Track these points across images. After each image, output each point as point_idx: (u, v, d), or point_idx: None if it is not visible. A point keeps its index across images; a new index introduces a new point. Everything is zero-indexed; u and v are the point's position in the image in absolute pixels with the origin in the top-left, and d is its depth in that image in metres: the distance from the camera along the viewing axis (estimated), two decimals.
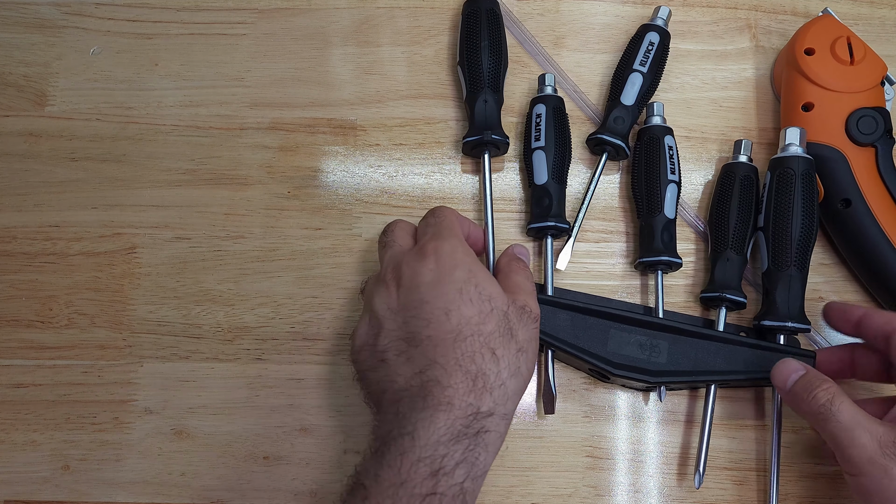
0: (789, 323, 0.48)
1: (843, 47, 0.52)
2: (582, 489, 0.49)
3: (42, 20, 0.58)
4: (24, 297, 0.52)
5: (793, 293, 0.48)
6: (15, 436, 0.50)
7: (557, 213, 0.51)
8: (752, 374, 0.48)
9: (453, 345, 0.39)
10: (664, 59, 0.55)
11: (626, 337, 0.48)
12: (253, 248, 0.53)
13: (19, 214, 0.54)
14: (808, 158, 0.50)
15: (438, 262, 0.42)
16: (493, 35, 0.53)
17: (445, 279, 0.41)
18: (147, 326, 0.52)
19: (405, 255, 0.43)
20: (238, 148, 0.55)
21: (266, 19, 0.58)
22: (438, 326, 0.40)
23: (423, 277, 0.41)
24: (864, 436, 0.39)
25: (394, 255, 0.44)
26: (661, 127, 0.53)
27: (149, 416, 0.50)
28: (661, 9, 0.55)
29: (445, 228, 0.44)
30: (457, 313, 0.40)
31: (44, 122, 0.56)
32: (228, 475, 0.49)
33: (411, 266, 0.42)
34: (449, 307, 0.40)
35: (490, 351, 0.40)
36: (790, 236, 0.48)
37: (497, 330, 0.40)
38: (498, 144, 0.52)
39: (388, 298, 0.42)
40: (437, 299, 0.41)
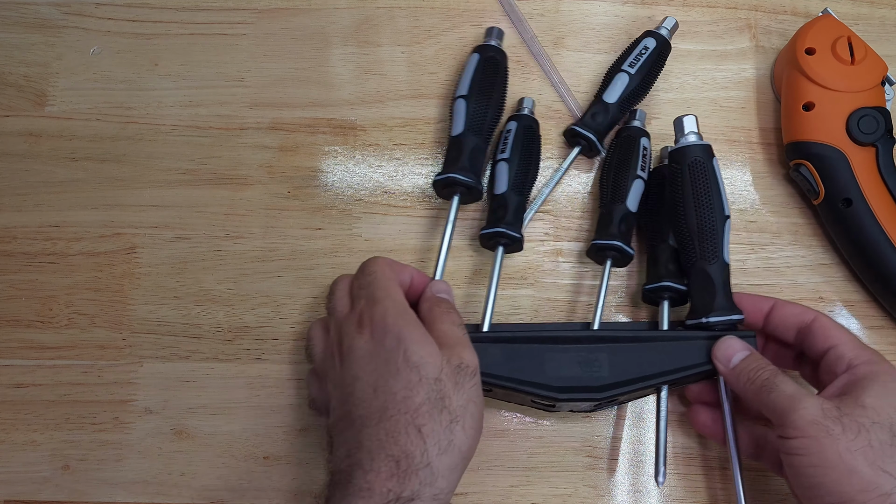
0: (703, 318, 0.46)
1: (844, 47, 0.52)
2: (582, 489, 0.49)
3: (42, 20, 0.58)
4: (24, 297, 0.52)
5: (707, 286, 0.46)
6: (15, 436, 0.50)
7: (511, 221, 0.50)
8: (699, 367, 0.46)
9: (378, 425, 0.38)
10: (658, 66, 0.54)
11: (563, 357, 0.46)
12: (253, 248, 0.53)
13: (19, 214, 0.54)
14: (704, 145, 0.48)
15: (371, 331, 0.41)
16: (502, 89, 0.53)
17: (376, 351, 0.40)
18: (147, 326, 0.52)
19: (344, 324, 0.42)
20: (238, 148, 0.55)
21: (266, 19, 0.58)
22: (367, 405, 0.39)
23: (358, 351, 0.41)
24: (808, 400, 0.40)
25: (336, 324, 0.43)
26: (639, 128, 0.53)
27: (149, 416, 0.50)
28: (668, 19, 0.55)
29: (377, 289, 0.43)
30: (383, 389, 0.39)
31: (44, 122, 0.56)
32: (228, 475, 0.49)
33: (349, 337, 0.41)
34: (377, 383, 0.39)
35: (416, 429, 0.38)
36: (689, 228, 0.47)
37: (426, 402, 0.38)
38: (473, 194, 0.51)
39: (334, 374, 0.42)
40: (368, 375, 0.40)
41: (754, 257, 0.53)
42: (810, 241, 0.54)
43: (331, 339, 0.43)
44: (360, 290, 0.44)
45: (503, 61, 0.54)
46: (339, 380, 0.41)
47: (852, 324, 0.52)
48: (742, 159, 0.56)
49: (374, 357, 0.40)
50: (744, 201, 0.55)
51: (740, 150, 0.56)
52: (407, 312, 0.42)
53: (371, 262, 0.45)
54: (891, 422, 0.39)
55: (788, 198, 0.55)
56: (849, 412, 0.39)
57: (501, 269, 0.50)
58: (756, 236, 0.54)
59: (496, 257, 0.49)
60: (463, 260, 0.53)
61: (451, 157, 0.51)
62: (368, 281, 0.43)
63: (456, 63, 0.57)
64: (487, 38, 0.55)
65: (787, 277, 0.53)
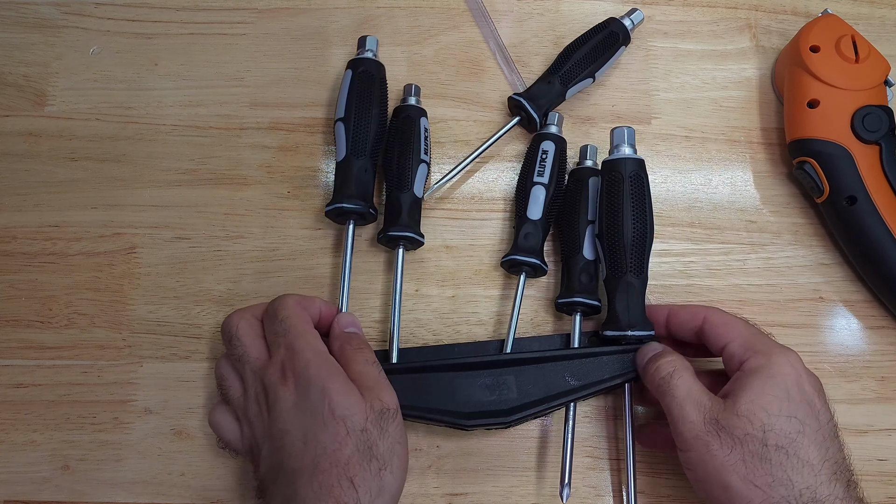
0: (629, 332, 0.46)
1: (848, 45, 0.52)
2: (582, 489, 0.49)
3: (42, 20, 0.58)
4: (23, 297, 0.52)
5: (632, 300, 0.47)
6: (15, 436, 0.50)
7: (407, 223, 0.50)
8: (604, 383, 0.47)
9: (311, 478, 0.39)
10: (607, 51, 0.54)
11: (472, 383, 0.46)
12: (252, 248, 0.53)
13: (19, 214, 0.54)
14: (638, 160, 0.48)
15: (295, 383, 0.41)
16: (382, 102, 0.52)
17: (301, 404, 0.41)
18: (147, 326, 0.52)
19: (266, 372, 0.42)
20: (238, 148, 0.55)
21: (266, 19, 0.58)
22: (299, 458, 0.40)
23: (283, 403, 0.41)
24: (693, 412, 0.41)
25: (254, 371, 0.43)
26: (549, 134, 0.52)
27: (148, 416, 0.50)
28: (637, 13, 0.55)
29: (295, 337, 0.43)
30: (313, 442, 0.40)
31: (43, 121, 0.56)
32: (228, 475, 0.49)
33: (274, 389, 0.42)
34: (307, 436, 0.40)
35: (348, 480, 0.39)
36: (623, 241, 0.46)
37: (355, 454, 0.39)
38: (367, 218, 0.51)
39: (260, 423, 0.42)
40: (296, 428, 0.40)
41: (754, 257, 0.53)
42: (811, 241, 0.54)
43: (249, 385, 0.43)
44: (276, 338, 0.43)
45: (378, 72, 0.52)
46: (267, 430, 0.42)
47: (853, 324, 0.52)
48: (742, 159, 0.56)
49: (301, 410, 0.40)
50: (744, 201, 0.55)
51: (740, 150, 0.56)
52: (328, 361, 0.42)
53: (281, 303, 0.44)
54: (763, 429, 0.39)
55: (789, 198, 0.55)
56: (725, 423, 0.40)
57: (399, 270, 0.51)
58: (756, 236, 0.54)
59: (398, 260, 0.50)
60: None
61: (338, 183, 0.50)
62: (284, 328, 0.43)
63: (456, 62, 0.57)
64: (360, 49, 0.53)
65: (788, 277, 0.53)
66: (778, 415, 0.40)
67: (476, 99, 0.56)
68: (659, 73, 0.57)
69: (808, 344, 0.52)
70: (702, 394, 0.42)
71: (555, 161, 0.51)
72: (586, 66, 0.54)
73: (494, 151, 0.55)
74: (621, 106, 0.56)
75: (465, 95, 0.56)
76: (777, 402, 0.40)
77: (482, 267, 0.53)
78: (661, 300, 0.52)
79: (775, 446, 0.39)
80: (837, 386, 0.51)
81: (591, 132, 0.56)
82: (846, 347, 0.52)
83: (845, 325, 0.52)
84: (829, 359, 0.51)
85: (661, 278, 0.53)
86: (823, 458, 0.39)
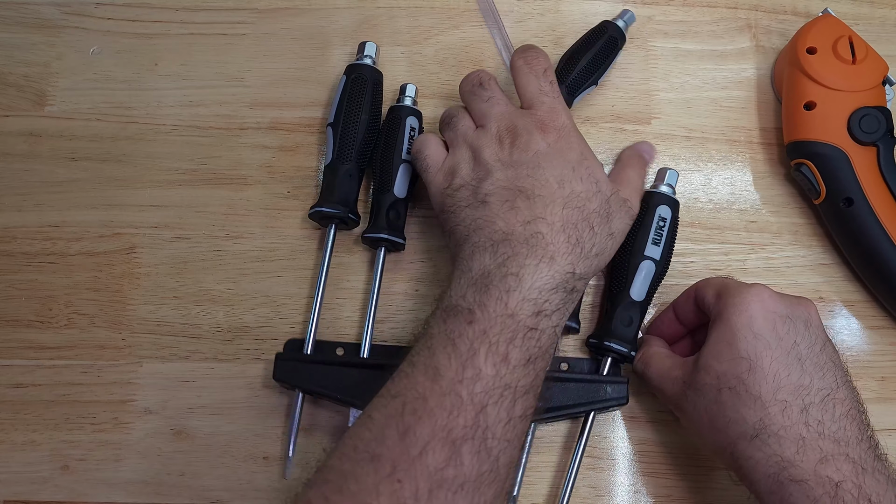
0: (606, 342, 0.48)
1: (845, 46, 0.52)
2: (582, 489, 0.49)
3: (42, 20, 0.58)
4: (23, 297, 0.52)
5: (623, 317, 0.49)
6: (14, 436, 0.50)
7: (384, 225, 0.50)
8: (568, 409, 0.47)
9: (562, 210, 0.42)
10: (608, 55, 0.54)
11: None
12: (252, 247, 0.53)
13: (19, 214, 0.54)
14: (673, 199, 0.50)
15: (557, 136, 0.45)
16: (374, 108, 0.52)
17: (561, 155, 0.44)
18: (147, 326, 0.52)
19: (520, 117, 0.46)
20: (238, 148, 0.55)
21: (266, 19, 0.58)
22: (551, 190, 0.43)
23: (540, 147, 0.44)
24: (669, 388, 0.45)
25: (503, 114, 0.46)
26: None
27: (148, 417, 0.50)
28: (629, 14, 0.55)
29: (560, 102, 0.47)
30: (569, 185, 0.43)
31: (44, 122, 0.56)
32: (228, 475, 0.49)
33: (529, 131, 0.45)
34: (562, 178, 0.44)
35: (589, 226, 0.43)
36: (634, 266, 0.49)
37: (598, 210, 0.44)
38: (348, 223, 0.51)
39: (500, 152, 0.45)
40: (552, 169, 0.44)
41: (754, 257, 0.53)
42: (810, 241, 0.54)
43: (491, 124, 0.46)
44: (540, 95, 0.47)
45: (373, 78, 0.53)
46: (512, 160, 0.44)
47: (852, 323, 0.52)
48: (742, 159, 0.56)
49: (559, 159, 0.44)
50: (744, 201, 0.55)
51: (740, 150, 0.56)
52: (583, 138, 0.47)
53: (537, 59, 0.48)
54: (717, 376, 0.42)
55: (788, 198, 0.55)
56: (691, 382, 0.43)
57: None
58: (756, 236, 0.54)
59: (378, 262, 0.50)
60: None
61: (324, 187, 0.51)
62: (551, 88, 0.47)
63: (457, 63, 0.57)
64: (359, 55, 0.54)
65: (788, 277, 0.53)
66: (728, 359, 0.41)
67: None
68: (659, 73, 0.57)
69: None
70: (672, 368, 0.45)
71: None
72: (591, 73, 0.54)
73: None
74: (621, 106, 0.56)
75: None
76: (726, 347, 0.42)
77: None
78: (660, 300, 0.52)
79: (727, 388, 0.41)
80: None
81: (590, 132, 0.56)
82: (846, 347, 0.52)
83: (845, 325, 0.52)
84: None
85: None
86: (776, 387, 0.40)
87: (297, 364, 0.48)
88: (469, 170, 0.45)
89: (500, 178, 0.44)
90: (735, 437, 0.40)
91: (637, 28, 0.57)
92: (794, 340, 0.41)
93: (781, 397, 0.40)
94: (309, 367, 0.48)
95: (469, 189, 0.45)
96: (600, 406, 0.48)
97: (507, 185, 0.44)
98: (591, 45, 0.54)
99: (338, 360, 0.49)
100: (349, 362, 0.49)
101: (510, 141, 0.45)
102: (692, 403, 0.43)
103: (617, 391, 0.48)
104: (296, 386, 0.48)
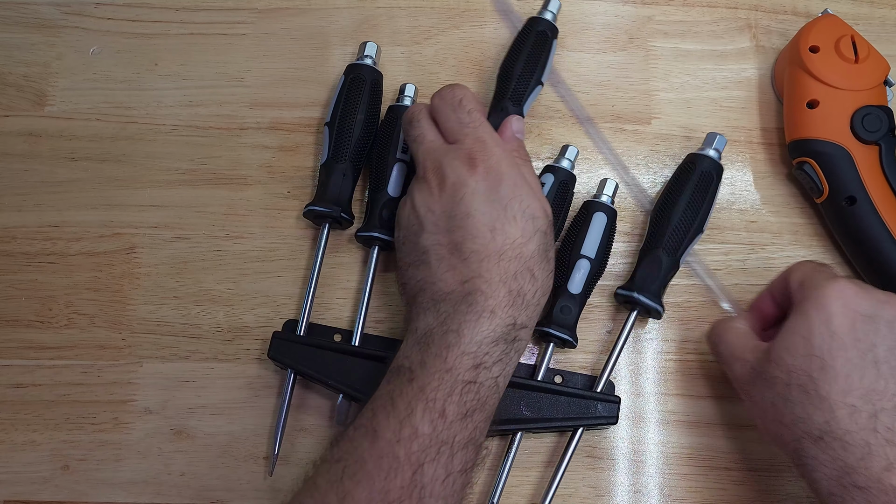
0: (636, 294, 0.48)
1: (848, 45, 0.52)
2: (582, 489, 0.49)
3: (42, 20, 0.58)
4: (23, 297, 0.52)
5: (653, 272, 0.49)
6: (15, 436, 0.50)
7: (376, 223, 0.50)
8: (557, 422, 0.48)
9: (497, 263, 0.41)
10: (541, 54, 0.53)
11: None
12: (252, 247, 0.53)
13: (19, 214, 0.54)
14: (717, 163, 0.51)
15: (486, 173, 0.43)
16: (371, 109, 0.52)
17: (492, 194, 0.42)
18: (147, 326, 0.52)
19: (445, 154, 0.44)
20: (238, 148, 0.55)
21: (266, 19, 0.58)
22: (484, 243, 0.42)
23: (468, 187, 0.42)
24: (738, 367, 0.44)
25: (430, 151, 0.44)
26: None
27: (148, 417, 0.50)
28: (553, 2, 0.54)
29: (483, 129, 0.44)
30: (502, 233, 0.42)
31: (44, 122, 0.56)
32: (228, 475, 0.49)
33: (456, 171, 0.43)
34: (494, 225, 0.42)
35: (530, 273, 0.42)
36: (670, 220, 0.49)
37: (537, 251, 0.42)
38: (342, 222, 0.51)
39: (429, 199, 0.43)
40: (483, 215, 0.42)
41: (754, 257, 0.53)
42: (810, 241, 0.54)
43: (422, 166, 0.44)
44: (462, 127, 0.44)
45: (371, 78, 0.52)
46: (442, 209, 0.43)
47: None
48: (743, 159, 0.56)
49: (490, 200, 0.42)
50: (744, 201, 0.55)
51: (741, 150, 0.56)
52: (515, 163, 0.44)
53: (464, 94, 0.45)
54: (788, 371, 0.40)
55: (789, 197, 0.55)
56: (761, 370, 0.42)
57: None
58: (756, 236, 0.54)
59: (371, 261, 0.51)
60: None
61: (319, 186, 0.51)
62: (472, 119, 0.44)
63: (457, 63, 0.57)
64: (360, 55, 0.54)
65: None
66: (802, 354, 0.40)
67: None
68: (659, 73, 0.57)
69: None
70: (746, 350, 0.44)
71: None
72: (531, 76, 0.52)
73: None
74: (621, 106, 0.56)
75: None
76: (802, 342, 0.40)
77: None
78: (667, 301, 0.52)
79: (797, 385, 0.40)
80: None
81: (590, 132, 0.56)
82: None
83: None
84: None
85: None
86: (846, 390, 0.39)
87: (292, 345, 0.49)
88: (407, 218, 0.45)
89: (434, 233, 0.43)
90: (800, 435, 0.39)
91: (637, 28, 0.57)
92: (873, 342, 0.39)
93: (850, 401, 0.38)
94: (304, 350, 0.48)
95: (410, 244, 0.44)
96: (589, 423, 0.48)
97: (441, 240, 0.43)
98: (521, 47, 0.53)
99: (333, 346, 0.49)
100: (344, 349, 0.49)
101: (438, 184, 0.43)
102: (760, 393, 0.42)
103: (608, 410, 0.48)
104: (289, 366, 0.48)
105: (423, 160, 0.44)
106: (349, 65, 0.53)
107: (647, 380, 0.51)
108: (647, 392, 0.51)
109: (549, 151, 0.55)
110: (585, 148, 0.55)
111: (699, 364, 0.51)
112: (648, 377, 0.51)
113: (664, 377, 0.51)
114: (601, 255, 0.49)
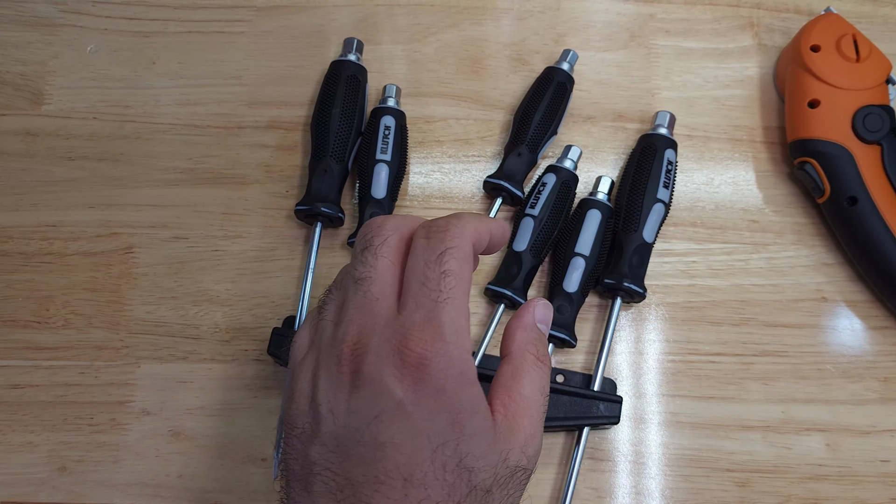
0: (625, 282, 0.48)
1: (849, 44, 0.51)
2: (582, 491, 0.49)
3: (39, 18, 0.58)
4: (20, 297, 0.52)
5: (632, 257, 0.49)
6: (11, 437, 0.50)
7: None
8: (558, 421, 0.47)
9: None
10: (561, 101, 0.53)
11: None
12: (251, 247, 0.53)
13: (16, 214, 0.53)
14: (671, 140, 0.51)
15: (417, 387, 0.29)
16: (348, 102, 0.52)
17: (420, 423, 0.29)
18: (144, 327, 0.51)
19: (379, 332, 0.30)
20: (236, 147, 0.55)
21: (264, 17, 0.57)
22: (388, 496, 0.28)
23: (389, 398, 0.29)
24: None
25: (363, 314, 0.31)
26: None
27: (146, 418, 0.50)
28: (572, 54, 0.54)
29: (449, 310, 0.30)
30: (419, 486, 0.28)
31: (40, 120, 0.55)
32: (226, 477, 0.49)
33: (380, 365, 0.29)
34: (412, 474, 0.28)
35: None
36: (640, 202, 0.49)
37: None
38: (332, 220, 0.51)
39: (336, 394, 0.30)
40: (398, 454, 0.29)
41: (757, 257, 0.53)
42: (813, 241, 0.54)
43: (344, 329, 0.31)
44: (422, 289, 0.30)
45: (348, 73, 0.52)
46: (347, 419, 0.30)
47: (856, 324, 0.52)
48: (745, 158, 0.55)
49: (415, 433, 0.29)
50: (746, 201, 0.54)
51: (743, 149, 0.55)
52: (470, 380, 0.30)
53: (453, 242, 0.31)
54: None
55: (791, 197, 0.55)
56: None
57: None
58: (759, 236, 0.54)
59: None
60: None
61: (309, 184, 0.51)
62: (441, 285, 0.30)
63: (456, 61, 0.57)
64: (345, 51, 0.54)
65: (790, 277, 0.53)
66: None
67: (476, 97, 0.56)
68: (660, 72, 0.57)
69: (811, 344, 0.51)
70: None
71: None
72: (548, 126, 0.52)
73: (480, 151, 0.55)
74: (623, 104, 0.56)
75: (466, 94, 0.56)
76: None
77: None
78: (663, 301, 0.52)
79: None
80: (840, 387, 0.50)
81: (591, 131, 0.55)
82: (849, 348, 0.51)
83: (848, 325, 0.52)
84: (832, 359, 0.51)
85: (663, 278, 0.52)
86: None
87: None
88: (299, 404, 0.32)
89: (328, 448, 0.30)
90: None
91: (639, 26, 0.57)
92: None
93: None
94: None
95: (297, 447, 0.31)
96: (591, 422, 0.48)
97: (335, 466, 0.29)
98: (541, 96, 0.53)
99: None
100: None
101: (350, 377, 0.30)
102: None
103: (610, 410, 0.48)
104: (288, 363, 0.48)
105: (349, 324, 0.31)
106: (334, 61, 0.53)
107: (648, 381, 0.51)
108: (649, 393, 0.50)
109: (550, 151, 0.55)
110: (587, 147, 0.55)
111: (701, 365, 0.51)
112: (650, 378, 0.51)
113: (666, 378, 0.51)
114: (596, 252, 0.49)
